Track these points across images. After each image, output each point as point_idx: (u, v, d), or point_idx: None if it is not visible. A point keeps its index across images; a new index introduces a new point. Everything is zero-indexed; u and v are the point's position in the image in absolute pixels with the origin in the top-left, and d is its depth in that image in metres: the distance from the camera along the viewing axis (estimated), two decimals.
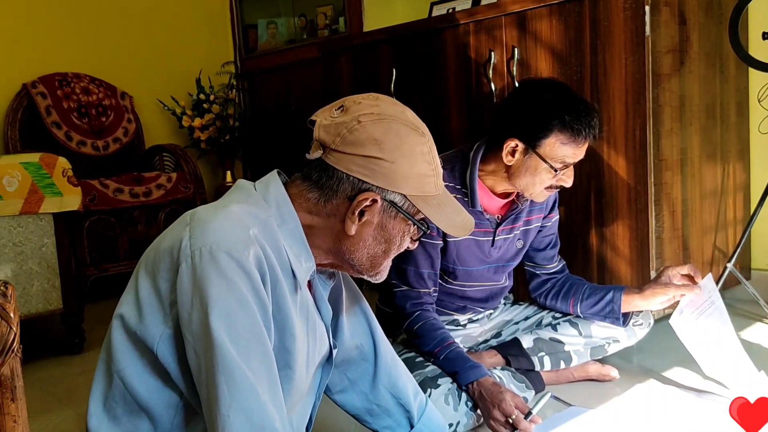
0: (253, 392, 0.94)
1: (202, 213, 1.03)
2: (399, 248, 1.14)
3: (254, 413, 0.93)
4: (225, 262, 0.95)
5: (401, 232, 1.12)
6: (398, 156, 1.05)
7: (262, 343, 0.97)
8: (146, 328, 1.01)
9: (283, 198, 1.08)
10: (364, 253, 1.11)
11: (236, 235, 0.97)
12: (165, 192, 3.34)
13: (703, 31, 2.20)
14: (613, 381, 1.90)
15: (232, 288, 0.94)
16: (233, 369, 0.93)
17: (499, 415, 1.51)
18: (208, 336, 0.94)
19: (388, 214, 1.09)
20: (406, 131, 1.07)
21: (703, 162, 2.25)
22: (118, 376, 1.05)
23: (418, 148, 1.07)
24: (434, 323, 1.72)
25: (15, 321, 0.75)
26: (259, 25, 4.31)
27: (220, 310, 0.94)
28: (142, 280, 1.04)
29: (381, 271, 1.16)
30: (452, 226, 1.13)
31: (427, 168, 1.08)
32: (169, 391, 1.04)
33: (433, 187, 1.10)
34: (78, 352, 2.51)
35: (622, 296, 1.80)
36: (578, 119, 1.60)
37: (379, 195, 1.06)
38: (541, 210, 1.87)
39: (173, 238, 1.01)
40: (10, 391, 0.77)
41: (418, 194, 1.08)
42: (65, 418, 1.91)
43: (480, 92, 2.45)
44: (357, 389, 1.34)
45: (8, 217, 2.28)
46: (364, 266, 1.13)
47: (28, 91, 3.55)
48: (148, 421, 1.06)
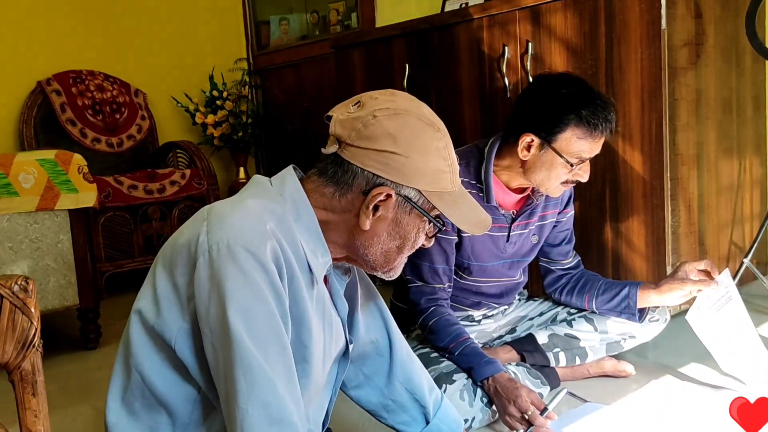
0: (271, 386, 0.94)
1: (219, 208, 1.03)
2: (413, 245, 1.14)
3: (272, 407, 0.94)
4: (242, 256, 0.95)
5: (416, 228, 1.11)
6: (413, 151, 1.05)
7: (280, 337, 0.97)
8: (164, 322, 1.02)
9: (299, 193, 1.08)
10: (378, 248, 1.11)
11: (253, 230, 0.98)
12: (179, 188, 3.36)
13: (719, 24, 2.18)
14: (629, 377, 1.89)
15: (250, 282, 0.95)
16: (251, 363, 0.93)
17: (515, 411, 1.51)
18: (225, 330, 0.94)
19: (402, 210, 1.08)
20: (422, 126, 1.06)
21: (719, 156, 2.23)
22: (137, 370, 1.06)
23: (433, 143, 1.07)
24: (449, 319, 1.72)
25: (36, 316, 0.76)
26: (272, 21, 4.32)
27: (237, 305, 0.94)
28: (159, 275, 1.04)
29: (395, 268, 1.15)
30: (468, 224, 1.12)
31: (442, 164, 1.08)
32: (187, 385, 1.05)
33: (449, 183, 1.09)
34: (94, 347, 2.53)
35: (638, 292, 1.79)
36: (595, 113, 1.59)
37: (393, 190, 1.06)
38: (556, 205, 1.86)
39: (191, 233, 1.02)
40: (31, 386, 0.77)
41: (433, 190, 1.08)
42: (82, 413, 1.93)
43: (493, 87, 2.44)
44: (372, 385, 1.34)
45: (25, 214, 2.30)
46: (377, 262, 1.13)
47: (43, 88, 3.57)
48: (167, 416, 1.07)
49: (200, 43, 4.22)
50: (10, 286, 0.74)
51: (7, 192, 2.24)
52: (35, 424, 0.78)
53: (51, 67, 3.65)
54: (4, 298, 0.73)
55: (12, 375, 0.77)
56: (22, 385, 0.77)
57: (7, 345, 0.75)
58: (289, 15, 4.24)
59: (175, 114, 4.16)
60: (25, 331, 0.76)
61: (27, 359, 0.76)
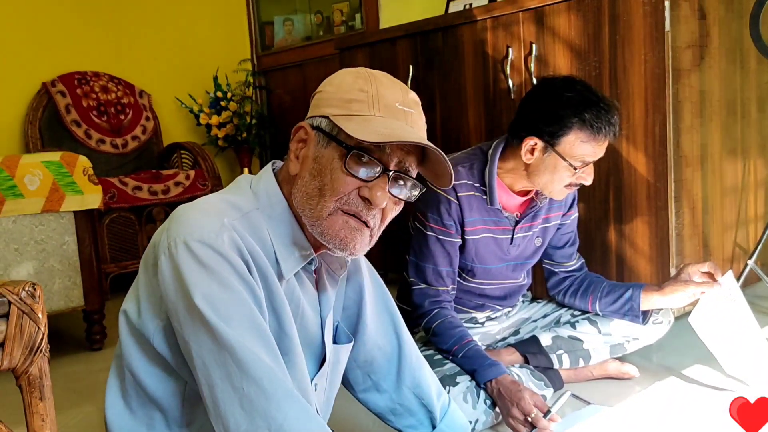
0: (258, 359, 0.94)
1: (182, 207, 1.05)
2: (333, 183, 1.02)
3: (264, 380, 0.94)
4: (199, 249, 0.96)
5: (331, 158, 1.03)
6: (327, 85, 1.09)
7: (253, 321, 0.97)
8: (143, 322, 1.05)
9: (271, 187, 1.10)
10: (303, 194, 1.05)
11: (209, 224, 0.99)
12: (183, 189, 3.37)
13: (723, 25, 2.18)
14: (633, 379, 1.89)
15: (211, 273, 0.96)
16: (233, 344, 0.94)
17: (518, 414, 1.51)
18: (197, 320, 0.95)
19: (321, 144, 1.05)
20: (345, 71, 1.10)
21: (723, 158, 2.23)
22: (128, 369, 1.09)
23: (348, 77, 1.08)
24: (452, 321, 1.72)
25: (43, 321, 0.76)
26: (276, 22, 4.32)
27: (202, 294, 0.95)
28: (140, 275, 1.08)
29: (328, 226, 1.03)
30: (368, 133, 0.99)
31: (356, 93, 1.04)
32: (172, 380, 1.07)
33: (367, 108, 1.03)
34: (99, 348, 2.54)
35: (642, 294, 1.79)
36: (598, 117, 1.59)
37: (307, 124, 1.08)
38: (560, 207, 1.86)
39: (158, 233, 1.05)
40: (38, 390, 0.78)
41: (343, 113, 1.04)
42: (88, 414, 1.93)
43: (497, 89, 2.44)
44: (381, 389, 1.33)
45: (30, 216, 2.31)
46: (308, 218, 1.05)
47: (48, 90, 3.59)
48: (159, 412, 1.09)
49: (204, 44, 4.23)
50: (17, 292, 0.74)
51: (12, 194, 2.25)
52: (42, 428, 0.78)
53: (56, 69, 3.67)
54: (11, 304, 0.74)
55: (20, 380, 0.78)
56: (29, 389, 0.78)
57: (15, 350, 0.75)
58: (293, 16, 4.24)
59: (179, 115, 4.17)
60: (33, 337, 0.76)
61: (34, 364, 0.77)
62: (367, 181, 1.03)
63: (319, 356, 1.20)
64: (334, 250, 1.06)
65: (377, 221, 1.06)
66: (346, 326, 1.28)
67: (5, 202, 2.23)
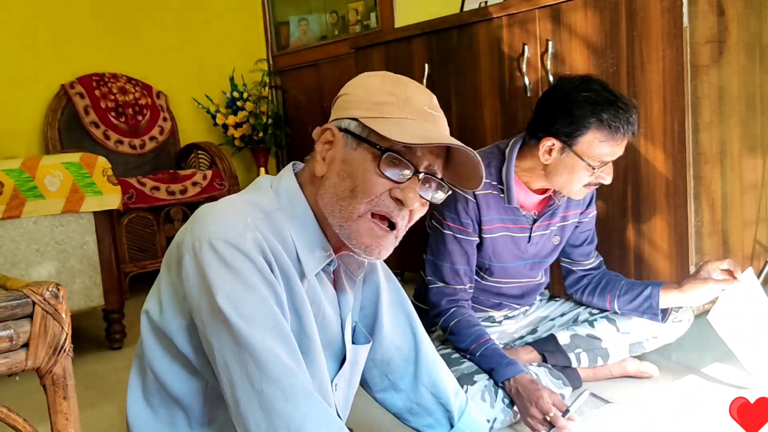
0: (277, 360, 0.95)
1: (205, 207, 1.06)
2: (365, 185, 1.03)
3: (283, 381, 0.95)
4: (223, 249, 0.97)
5: (362, 160, 1.03)
6: (353, 88, 1.10)
7: (275, 321, 0.98)
8: (166, 321, 1.05)
9: (292, 187, 1.10)
10: (332, 195, 1.05)
11: (233, 224, 1.00)
12: (200, 189, 3.39)
13: (741, 21, 2.15)
14: (652, 378, 1.88)
15: (235, 273, 0.96)
16: (253, 344, 0.94)
17: (537, 413, 1.50)
18: (219, 320, 0.96)
19: (350, 146, 1.06)
20: (370, 74, 1.11)
21: (743, 155, 2.21)
22: (150, 369, 1.09)
23: (375, 80, 1.09)
24: (470, 320, 1.72)
25: (66, 321, 0.78)
26: (291, 22, 4.33)
27: (224, 293, 0.96)
28: (162, 275, 1.08)
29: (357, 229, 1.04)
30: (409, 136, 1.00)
31: (385, 96, 1.06)
32: (194, 379, 1.08)
33: (397, 111, 1.04)
34: (119, 347, 2.56)
35: (661, 292, 1.78)
36: (616, 117, 1.58)
37: (334, 126, 1.07)
38: (578, 206, 1.85)
39: (181, 233, 1.05)
40: (62, 390, 0.79)
41: (373, 116, 1.04)
42: (108, 413, 1.95)
43: (513, 87, 2.43)
44: (398, 389, 1.34)
45: (50, 216, 2.34)
46: (337, 219, 1.05)
47: (67, 91, 3.62)
48: (181, 411, 1.10)
49: (221, 44, 4.25)
50: (41, 292, 0.76)
51: (33, 195, 2.27)
52: (66, 427, 0.79)
53: (74, 71, 3.70)
54: (36, 305, 0.75)
55: (44, 379, 0.79)
56: (53, 389, 0.79)
57: (39, 350, 0.76)
58: (308, 15, 4.25)
59: (196, 115, 4.20)
60: (56, 336, 0.77)
61: (58, 364, 0.78)
62: (398, 183, 1.04)
63: (340, 356, 1.21)
64: (359, 253, 1.08)
65: (405, 222, 1.08)
66: (363, 326, 1.28)
67: (26, 203, 2.26)
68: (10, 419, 0.75)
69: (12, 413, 0.75)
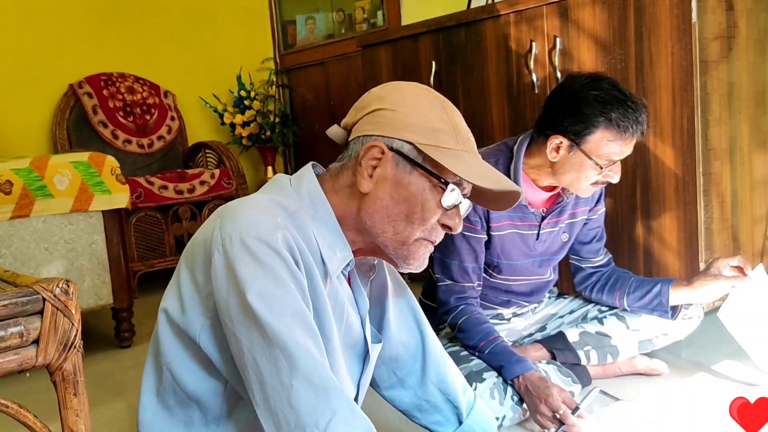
0: (309, 357, 0.95)
1: (232, 205, 1.06)
2: (424, 214, 1.06)
3: (314, 377, 0.94)
4: (255, 245, 0.97)
5: (421, 188, 1.05)
6: (401, 106, 1.06)
7: (304, 317, 0.98)
8: (188, 320, 1.04)
9: (315, 190, 1.09)
10: (383, 215, 1.06)
11: (264, 221, 0.99)
12: (208, 188, 3.40)
13: (751, 16, 2.14)
14: (662, 375, 1.87)
15: (266, 269, 0.96)
16: (285, 340, 0.94)
17: (546, 410, 1.50)
18: (249, 316, 0.95)
19: (402, 169, 1.05)
20: (412, 88, 1.09)
21: (753, 150, 2.19)
22: (167, 368, 1.08)
23: (424, 101, 1.07)
24: (479, 317, 1.72)
25: (76, 318, 0.78)
26: (298, 20, 4.34)
27: (256, 290, 0.95)
28: (183, 274, 1.07)
29: (411, 251, 1.09)
30: (481, 178, 1.05)
31: (437, 121, 1.05)
32: (214, 380, 1.07)
33: (453, 141, 1.05)
34: (128, 345, 2.57)
35: (671, 289, 1.77)
36: (625, 116, 1.57)
37: (383, 144, 1.05)
38: (587, 203, 1.85)
39: (206, 230, 1.05)
40: (72, 386, 0.79)
41: (431, 144, 1.04)
42: (117, 411, 1.96)
43: (521, 84, 2.42)
44: (405, 386, 1.34)
45: (60, 215, 2.34)
46: (388, 237, 1.08)
47: (75, 91, 3.64)
48: (198, 410, 1.09)
49: (228, 43, 4.25)
50: (51, 289, 0.76)
51: (42, 194, 2.28)
52: (77, 423, 0.80)
53: (82, 70, 3.72)
54: (46, 301, 0.75)
55: (54, 375, 0.80)
56: (63, 385, 0.79)
57: (50, 346, 0.77)
58: (315, 14, 4.25)
59: (203, 114, 4.20)
60: (67, 333, 0.78)
61: (68, 360, 0.78)
62: (447, 209, 1.08)
63: (362, 356, 1.22)
64: (402, 265, 1.11)
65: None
66: (372, 325, 1.28)
67: (35, 202, 2.27)
68: (21, 415, 0.75)
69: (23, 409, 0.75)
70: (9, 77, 3.51)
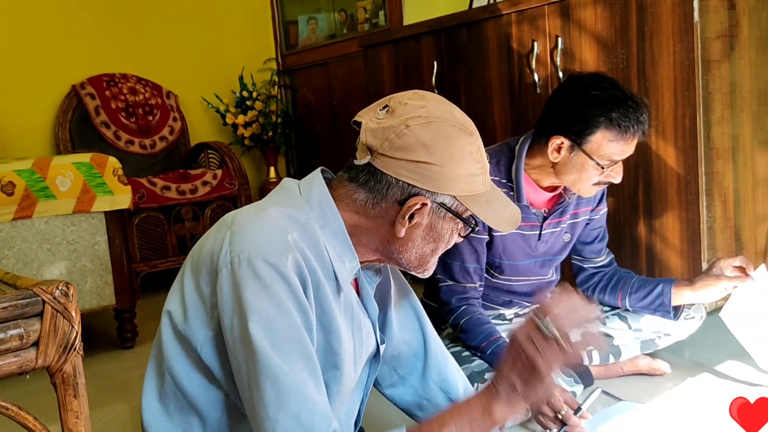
0: (300, 394, 0.94)
1: (242, 217, 1.05)
2: (447, 246, 1.15)
3: (302, 415, 0.94)
4: (263, 269, 0.96)
5: (450, 231, 1.12)
6: (447, 159, 1.04)
7: (304, 347, 0.97)
8: (191, 329, 1.04)
9: (326, 199, 1.09)
10: (412, 253, 1.12)
11: (274, 242, 0.99)
12: (211, 189, 3.40)
13: (753, 15, 2.13)
14: (664, 375, 1.87)
15: (271, 295, 0.96)
16: (278, 373, 0.94)
17: (548, 411, 1.50)
18: (248, 343, 0.95)
19: (437, 216, 1.09)
20: (455, 133, 1.06)
21: (755, 149, 2.19)
22: (169, 373, 1.08)
23: (466, 148, 1.06)
24: (480, 318, 1.72)
25: (76, 320, 0.78)
26: (300, 21, 4.34)
27: (259, 317, 0.95)
28: (187, 279, 1.07)
29: (429, 268, 1.16)
30: (501, 222, 1.13)
31: (475, 167, 1.08)
32: (215, 390, 1.07)
33: (481, 185, 1.09)
34: (131, 346, 2.58)
35: (673, 289, 1.76)
36: (626, 116, 1.56)
37: (429, 198, 1.06)
38: (588, 203, 1.84)
39: (214, 241, 1.04)
40: (72, 388, 0.79)
41: (467, 194, 1.08)
42: (119, 412, 1.96)
43: (523, 83, 2.42)
44: (407, 384, 1.34)
45: (62, 216, 2.35)
46: (411, 264, 1.14)
47: (77, 92, 3.64)
48: (198, 419, 1.09)
49: (230, 44, 4.26)
50: (51, 291, 0.76)
51: (44, 195, 2.29)
52: (77, 425, 0.80)
53: (85, 71, 3.72)
54: (46, 303, 0.75)
55: (54, 377, 0.80)
56: (63, 387, 0.79)
57: (50, 348, 0.77)
58: (317, 14, 4.25)
59: (206, 115, 4.21)
60: (67, 335, 0.78)
61: (68, 362, 0.78)
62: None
63: (372, 358, 1.23)
64: (410, 272, 1.16)
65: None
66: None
67: (37, 203, 2.28)
68: (21, 417, 0.75)
69: (23, 411, 0.75)
70: (11, 78, 3.52)
